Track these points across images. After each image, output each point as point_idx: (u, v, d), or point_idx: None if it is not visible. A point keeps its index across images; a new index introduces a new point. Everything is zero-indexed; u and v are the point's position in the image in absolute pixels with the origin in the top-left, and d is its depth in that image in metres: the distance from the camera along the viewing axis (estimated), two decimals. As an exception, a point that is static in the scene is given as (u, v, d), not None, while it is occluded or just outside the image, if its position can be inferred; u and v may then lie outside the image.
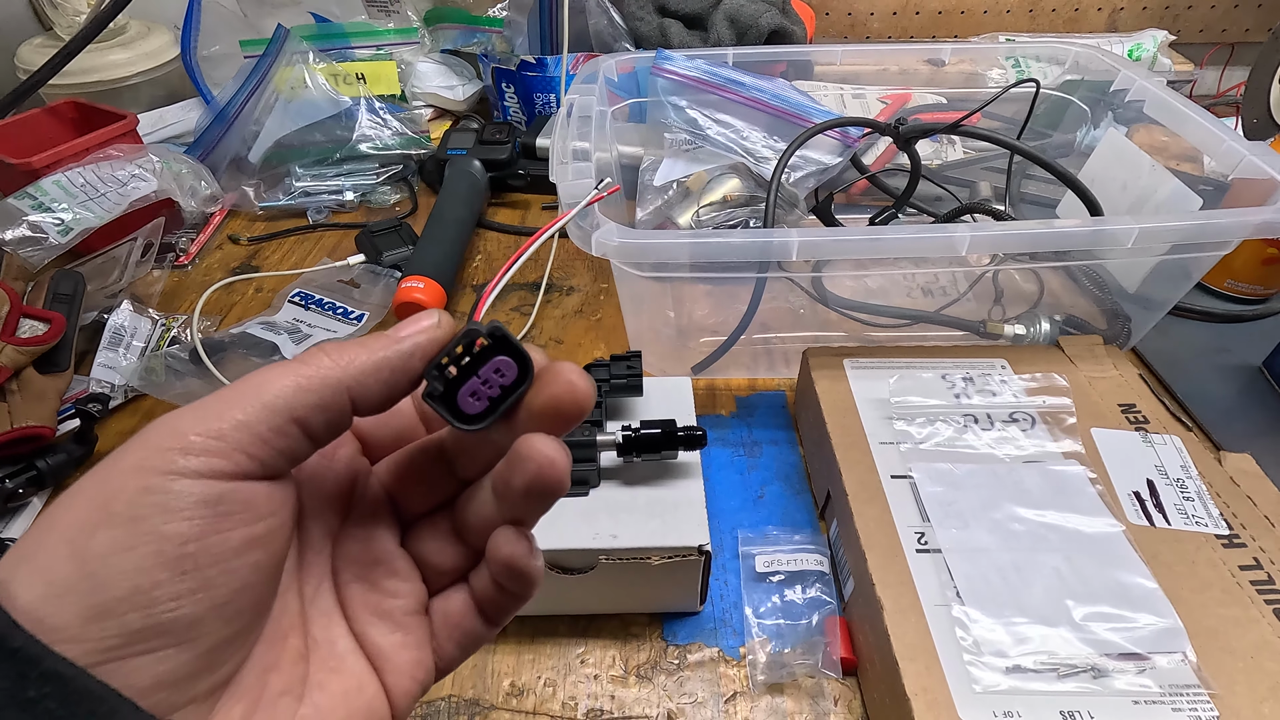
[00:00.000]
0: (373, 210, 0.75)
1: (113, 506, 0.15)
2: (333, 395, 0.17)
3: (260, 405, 0.16)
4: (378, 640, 0.20)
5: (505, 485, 0.19)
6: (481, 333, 0.18)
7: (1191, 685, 0.30)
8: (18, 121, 0.68)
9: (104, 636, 0.14)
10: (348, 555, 0.21)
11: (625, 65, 0.64)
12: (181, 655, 0.15)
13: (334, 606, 0.20)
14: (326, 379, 0.17)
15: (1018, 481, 0.39)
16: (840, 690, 0.36)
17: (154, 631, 0.15)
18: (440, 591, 0.21)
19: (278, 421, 0.16)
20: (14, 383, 0.47)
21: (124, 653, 0.14)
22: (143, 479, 0.15)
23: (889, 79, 0.73)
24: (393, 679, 0.20)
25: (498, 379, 0.18)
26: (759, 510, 0.45)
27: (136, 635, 0.14)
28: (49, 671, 0.13)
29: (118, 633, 0.14)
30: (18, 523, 0.45)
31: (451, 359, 0.18)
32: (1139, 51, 0.83)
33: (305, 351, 0.18)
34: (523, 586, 0.20)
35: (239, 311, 0.62)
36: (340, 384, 0.17)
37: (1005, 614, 0.33)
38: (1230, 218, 0.42)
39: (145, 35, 0.82)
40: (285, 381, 0.17)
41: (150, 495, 0.15)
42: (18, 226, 0.57)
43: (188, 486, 0.15)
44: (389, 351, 0.18)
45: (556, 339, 0.59)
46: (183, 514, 0.15)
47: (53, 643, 0.14)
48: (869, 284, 0.57)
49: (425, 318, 0.19)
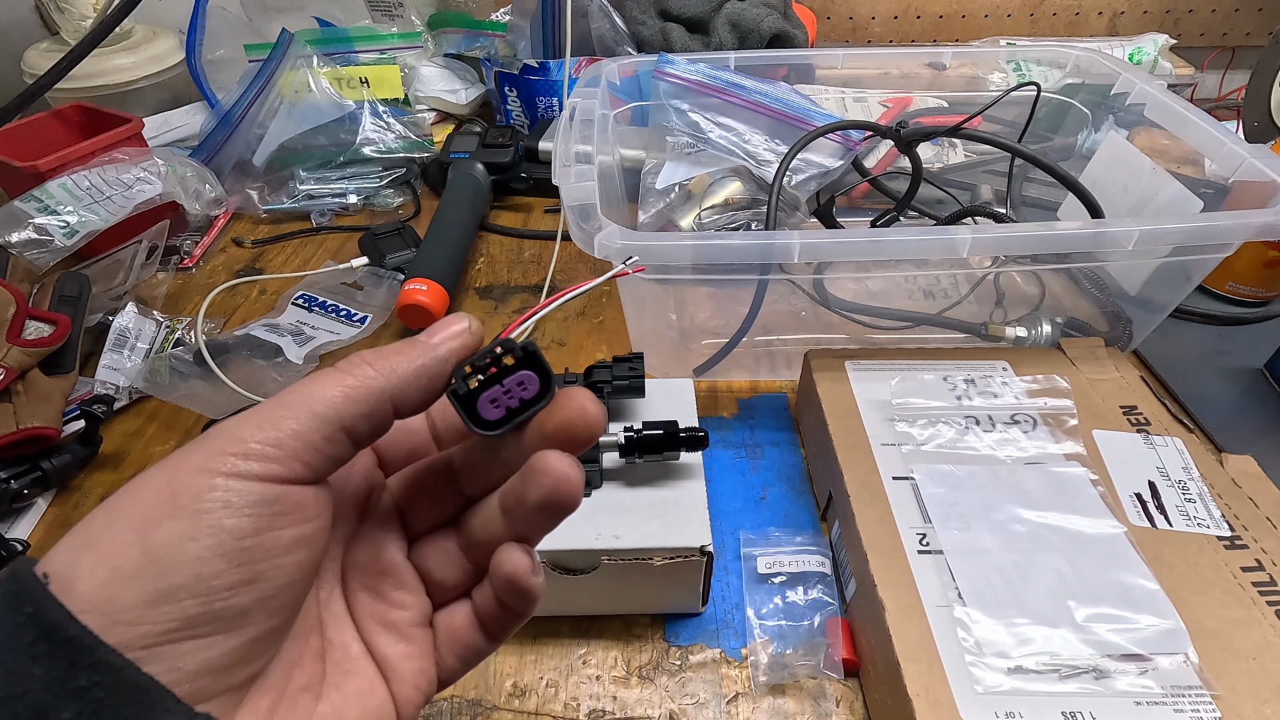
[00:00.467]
0: (376, 213, 0.75)
1: (179, 500, 0.16)
2: (378, 404, 0.18)
3: (311, 415, 0.17)
4: (384, 649, 0.21)
5: (517, 500, 0.20)
6: (515, 347, 0.19)
7: (1194, 686, 0.30)
8: (24, 125, 0.68)
9: (163, 620, 0.15)
10: (358, 563, 0.21)
11: (627, 69, 0.64)
12: (228, 643, 0.16)
13: (344, 612, 0.21)
14: (371, 389, 0.18)
15: (1019, 483, 0.39)
16: (842, 691, 0.37)
17: (207, 618, 0.16)
18: (444, 605, 0.22)
19: (328, 430, 0.17)
20: (20, 384, 0.48)
21: (178, 636, 0.15)
22: (207, 478, 0.16)
23: (890, 83, 0.73)
24: (397, 687, 0.20)
25: (519, 391, 0.19)
26: (761, 512, 0.45)
27: (191, 620, 0.15)
28: (100, 661, 0.14)
29: (176, 617, 0.15)
30: (22, 523, 0.45)
31: (477, 366, 0.19)
32: (1140, 55, 0.84)
33: (347, 360, 0.19)
34: (523, 603, 0.21)
35: (243, 313, 0.62)
36: (384, 393, 0.18)
37: (1007, 615, 0.33)
38: (1231, 220, 0.42)
39: (151, 40, 0.82)
40: (334, 393, 0.18)
41: (214, 492, 0.16)
42: (24, 229, 0.57)
43: (248, 487, 0.16)
44: (428, 359, 0.19)
45: (559, 341, 0.59)
46: (243, 510, 0.16)
47: (114, 624, 0.15)
48: (870, 287, 0.58)
49: (456, 322, 0.20)
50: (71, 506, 0.47)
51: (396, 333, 0.60)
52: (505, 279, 0.66)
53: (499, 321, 0.61)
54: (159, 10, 0.85)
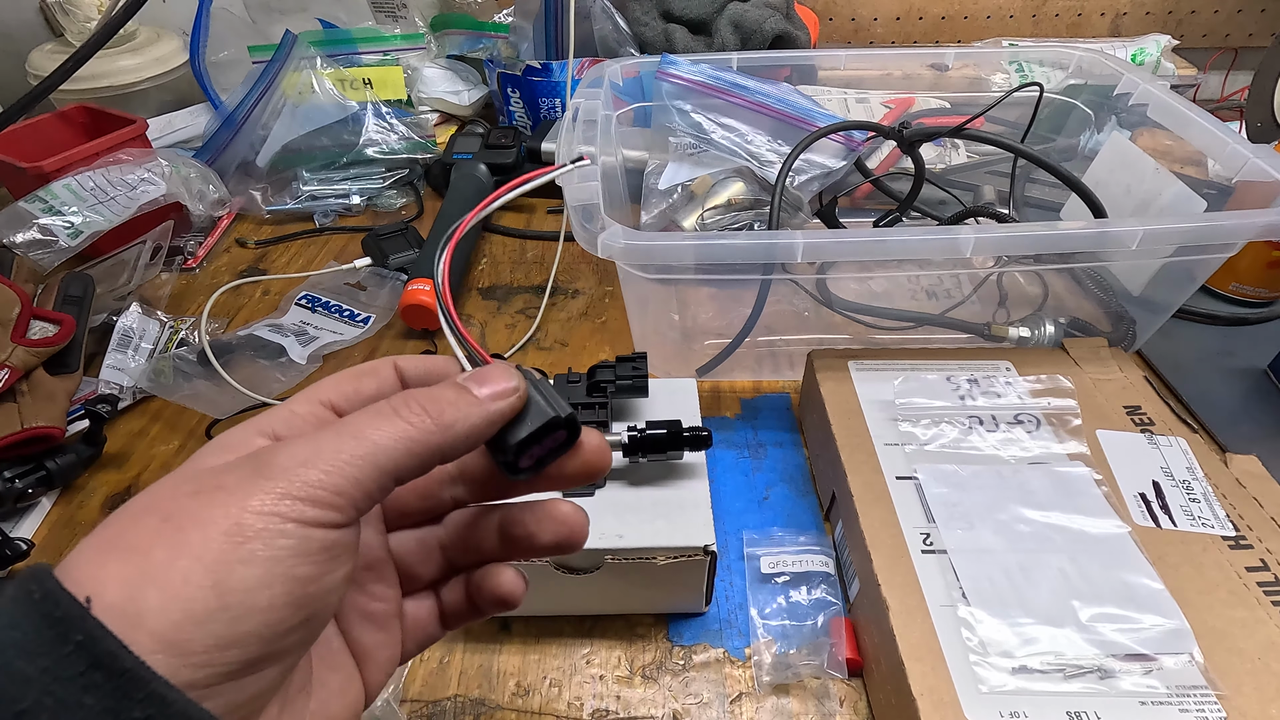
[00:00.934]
0: (379, 214, 0.76)
1: (252, 546, 0.16)
2: (430, 458, 0.19)
3: (375, 468, 0.18)
4: (363, 640, 0.22)
5: (527, 536, 0.22)
6: (562, 422, 0.21)
7: (1199, 686, 0.30)
8: (29, 126, 0.68)
9: (229, 663, 0.15)
10: None
11: (630, 70, 0.65)
12: (275, 673, 0.17)
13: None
14: (429, 444, 0.19)
15: (1023, 483, 0.39)
16: (846, 691, 0.36)
17: (267, 659, 0.16)
18: (410, 594, 0.23)
19: (386, 482, 0.18)
20: (24, 383, 0.48)
21: (239, 675, 0.16)
22: (278, 523, 0.16)
23: (892, 84, 0.73)
24: (370, 673, 0.21)
25: (550, 442, 0.21)
26: (764, 512, 0.45)
27: (253, 661, 0.16)
28: (154, 694, 0.14)
29: (240, 659, 0.16)
30: (27, 522, 0.45)
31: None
32: (1142, 56, 0.84)
33: (405, 404, 0.19)
34: (502, 610, 0.23)
35: (246, 314, 0.62)
36: (439, 449, 0.19)
37: (1011, 614, 0.33)
38: (1235, 220, 0.42)
39: (155, 41, 0.82)
40: (398, 448, 0.18)
41: (286, 539, 0.16)
42: (28, 229, 0.57)
43: (315, 535, 0.17)
44: (480, 420, 0.19)
45: (562, 342, 0.59)
46: (311, 559, 0.17)
47: (184, 665, 0.15)
48: (873, 287, 0.58)
49: (504, 378, 0.20)
50: (75, 506, 0.47)
51: (399, 333, 0.60)
52: (508, 279, 0.66)
53: (502, 322, 0.61)
54: (163, 12, 0.86)
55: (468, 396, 0.19)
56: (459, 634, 0.39)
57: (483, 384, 0.20)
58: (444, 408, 0.19)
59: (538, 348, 0.59)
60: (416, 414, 0.19)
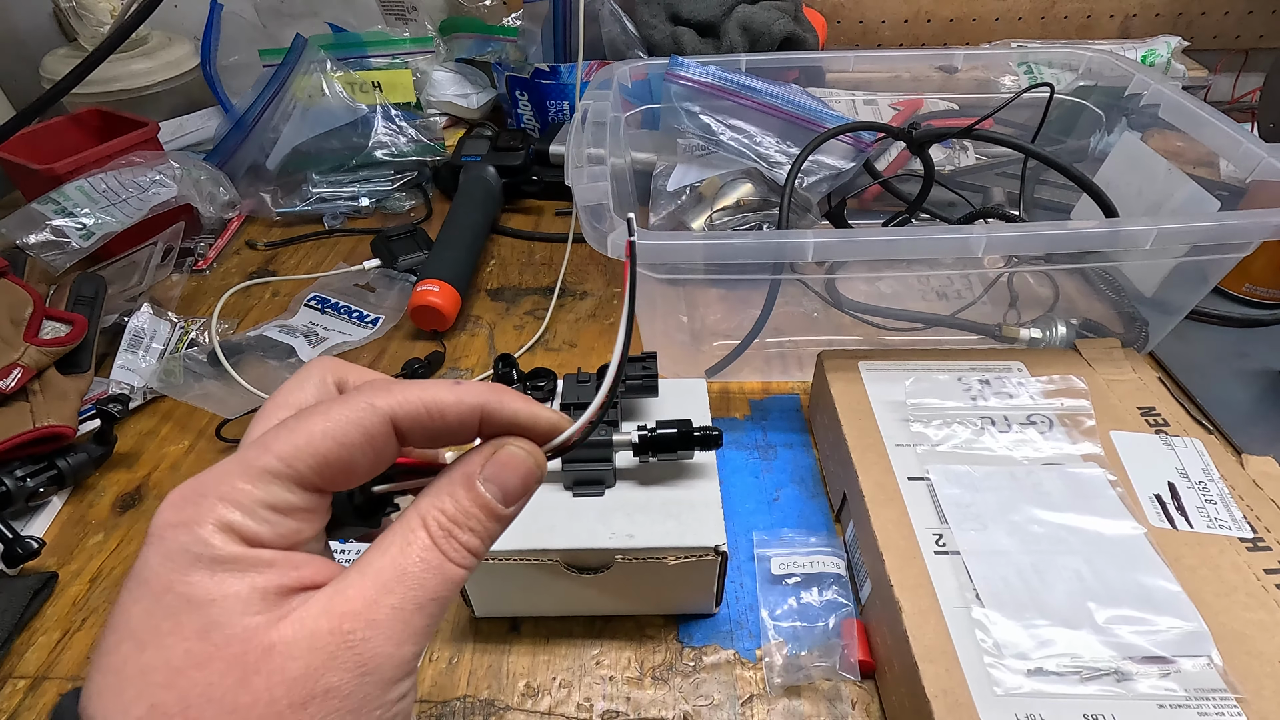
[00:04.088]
0: (388, 216, 0.76)
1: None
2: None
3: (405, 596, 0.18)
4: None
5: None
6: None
7: (1218, 689, 0.30)
8: (43, 129, 0.69)
9: None
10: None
11: (638, 72, 0.65)
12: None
13: None
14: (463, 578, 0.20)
15: (1036, 484, 0.38)
16: (858, 693, 0.36)
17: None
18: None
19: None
20: (36, 383, 0.48)
21: None
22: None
23: (901, 86, 0.73)
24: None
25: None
26: (774, 513, 0.45)
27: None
28: None
29: None
30: (38, 520, 0.46)
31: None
32: (1152, 57, 0.83)
33: (453, 536, 0.19)
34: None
35: (256, 315, 0.62)
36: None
37: (1026, 616, 0.32)
38: (1249, 219, 0.41)
39: (167, 45, 0.83)
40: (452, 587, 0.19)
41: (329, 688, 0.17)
42: (41, 231, 0.58)
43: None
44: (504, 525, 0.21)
45: (570, 343, 0.59)
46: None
47: None
48: (882, 288, 0.57)
49: (531, 472, 0.21)
50: (86, 505, 0.47)
51: (408, 334, 0.60)
52: (516, 281, 0.66)
53: (510, 323, 0.61)
54: (175, 17, 0.87)
55: (506, 513, 0.20)
56: (468, 634, 0.39)
57: (509, 493, 0.20)
58: (494, 531, 0.20)
59: (546, 349, 0.59)
60: (474, 558, 0.19)
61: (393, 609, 0.18)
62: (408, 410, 0.19)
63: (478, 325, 0.61)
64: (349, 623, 0.17)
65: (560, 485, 0.38)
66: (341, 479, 0.19)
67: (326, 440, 0.18)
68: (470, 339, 0.60)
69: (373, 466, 0.19)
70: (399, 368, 0.55)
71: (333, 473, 0.18)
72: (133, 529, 0.46)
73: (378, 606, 0.18)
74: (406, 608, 0.18)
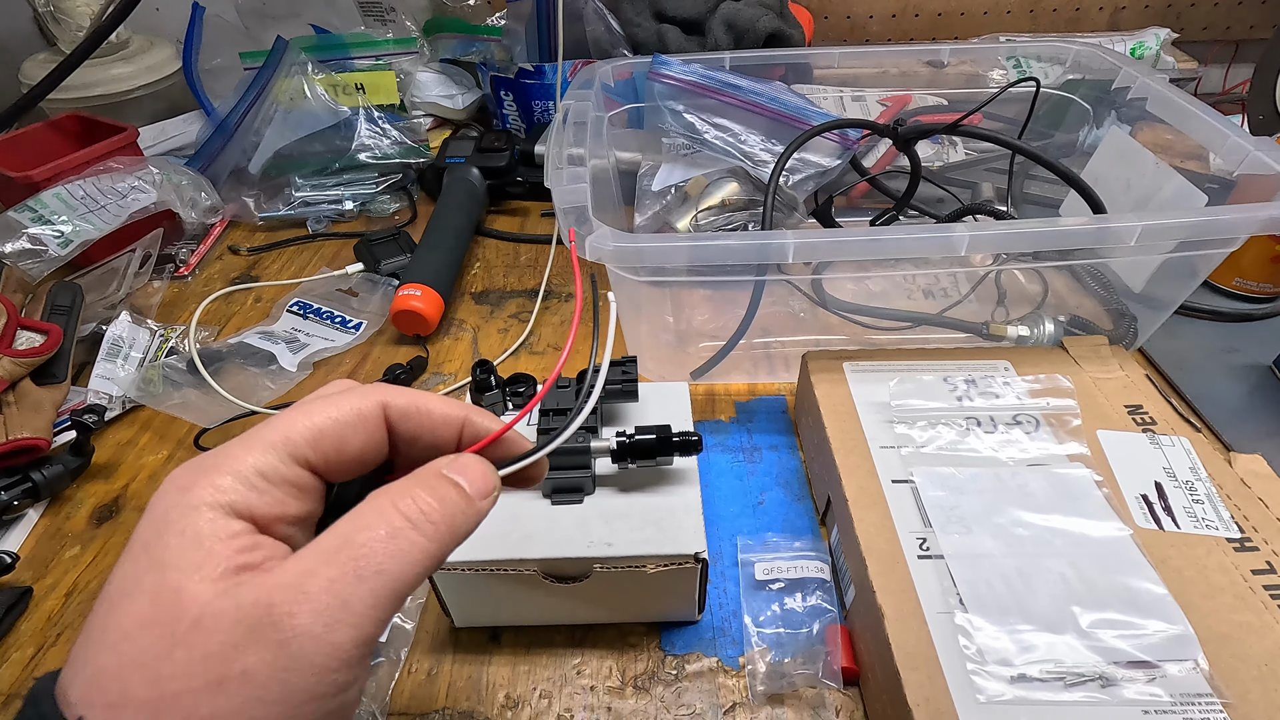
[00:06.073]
0: (372, 219, 0.75)
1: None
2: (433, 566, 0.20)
3: (396, 597, 0.18)
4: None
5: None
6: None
7: (1204, 694, 0.29)
8: (20, 135, 0.68)
9: None
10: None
11: (622, 71, 0.64)
12: None
13: None
14: (442, 556, 0.20)
15: (1022, 485, 0.38)
16: (842, 700, 0.36)
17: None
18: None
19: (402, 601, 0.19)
20: (10, 394, 0.47)
21: None
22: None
23: (888, 81, 0.72)
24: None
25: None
26: (759, 516, 0.44)
27: None
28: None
29: None
30: (13, 534, 0.45)
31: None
32: (1141, 50, 0.83)
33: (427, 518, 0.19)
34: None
35: (238, 321, 0.62)
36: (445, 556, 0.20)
37: (1010, 621, 0.32)
38: (1237, 213, 0.41)
39: (147, 49, 0.82)
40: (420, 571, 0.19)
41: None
42: (17, 239, 0.57)
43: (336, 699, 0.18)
44: (476, 523, 0.21)
45: (554, 345, 0.58)
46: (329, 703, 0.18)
47: None
48: (870, 287, 0.57)
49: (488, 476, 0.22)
50: (63, 518, 0.46)
51: (391, 339, 0.59)
52: (501, 283, 0.66)
53: (494, 326, 0.60)
54: (156, 20, 0.86)
55: (470, 503, 0.20)
56: (448, 645, 0.39)
57: (472, 483, 0.21)
58: (455, 516, 0.20)
59: (530, 352, 0.58)
60: (431, 526, 0.19)
61: (329, 580, 0.17)
62: (398, 402, 0.21)
63: (461, 329, 0.60)
64: (278, 595, 0.16)
65: (539, 493, 0.38)
66: (335, 456, 0.20)
67: (322, 416, 0.20)
68: (454, 343, 0.59)
69: (363, 448, 0.21)
70: (381, 373, 0.55)
71: (326, 446, 0.20)
72: (110, 541, 0.45)
73: (312, 577, 0.17)
74: (345, 579, 0.17)
